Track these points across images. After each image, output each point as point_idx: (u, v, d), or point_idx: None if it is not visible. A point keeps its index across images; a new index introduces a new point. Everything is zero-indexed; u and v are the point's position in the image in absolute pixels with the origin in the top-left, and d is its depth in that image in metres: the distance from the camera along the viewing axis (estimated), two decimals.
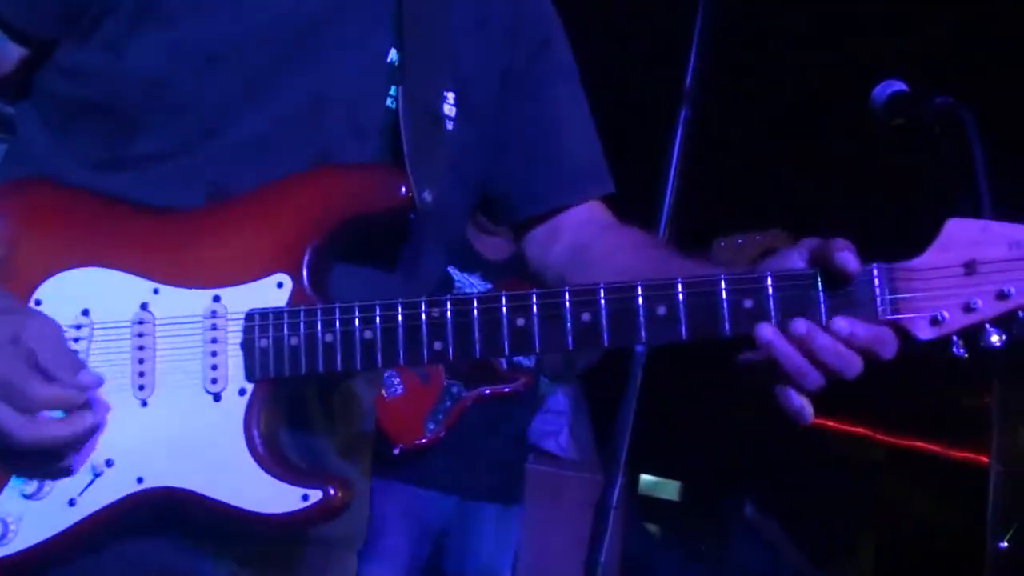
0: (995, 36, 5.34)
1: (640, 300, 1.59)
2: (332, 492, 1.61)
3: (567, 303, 1.60)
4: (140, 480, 1.63)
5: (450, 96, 1.86)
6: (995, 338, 1.54)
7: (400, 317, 1.63)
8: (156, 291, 1.68)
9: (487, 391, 4.68)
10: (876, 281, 1.54)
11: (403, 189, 1.69)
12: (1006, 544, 4.64)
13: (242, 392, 1.65)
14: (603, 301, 1.59)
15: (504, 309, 1.62)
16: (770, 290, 1.56)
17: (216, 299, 1.67)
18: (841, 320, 1.52)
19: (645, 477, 9.32)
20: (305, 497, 1.61)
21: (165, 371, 1.66)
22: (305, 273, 1.67)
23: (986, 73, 5.29)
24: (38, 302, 1.68)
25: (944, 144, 2.31)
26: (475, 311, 1.62)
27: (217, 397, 1.65)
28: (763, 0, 5.16)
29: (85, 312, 1.67)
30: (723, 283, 1.58)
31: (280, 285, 1.67)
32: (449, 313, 1.62)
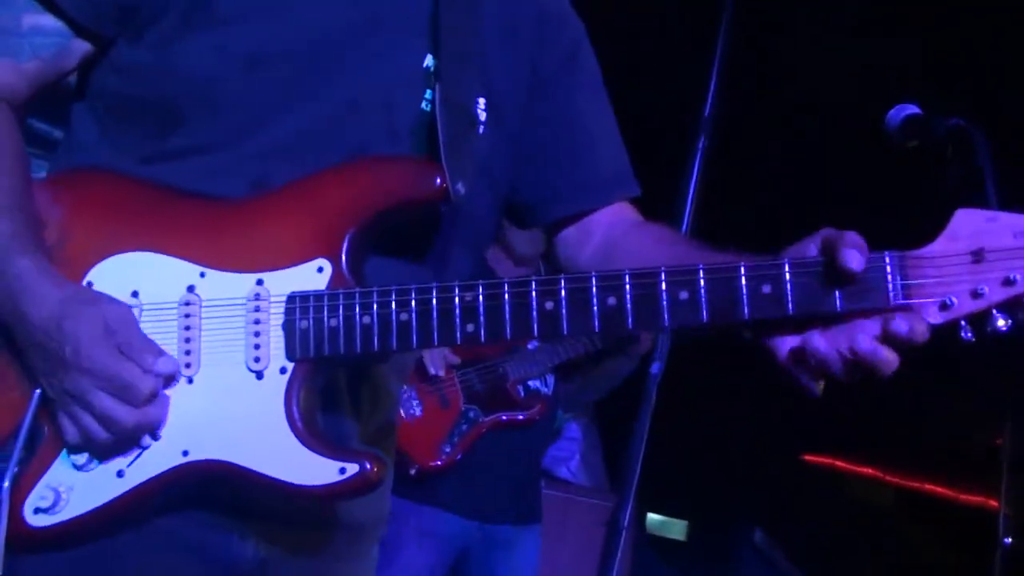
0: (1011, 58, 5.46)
1: (663, 285, 1.67)
2: (368, 466, 1.68)
3: (594, 288, 1.69)
4: (185, 453, 1.71)
5: (481, 101, 1.95)
6: (1001, 323, 1.62)
7: (434, 300, 1.72)
8: (202, 274, 1.76)
9: (504, 417, 4.77)
10: (888, 268, 1.63)
11: (438, 180, 1.77)
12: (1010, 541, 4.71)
13: (283, 371, 1.73)
14: (628, 286, 1.68)
15: (534, 293, 1.70)
16: (787, 276, 1.65)
17: (259, 283, 1.75)
18: (901, 321, 1.60)
19: (652, 516, 9.30)
20: (342, 471, 1.68)
21: (210, 350, 1.74)
22: (344, 259, 1.75)
23: (999, 93, 5.40)
24: (89, 284, 1.77)
25: (956, 164, 2.40)
26: (506, 295, 1.70)
27: (259, 375, 1.73)
28: (783, 24, 5.27)
29: (134, 294, 1.76)
30: (743, 270, 1.66)
31: (320, 270, 1.75)
32: (481, 297, 1.71)
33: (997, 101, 5.36)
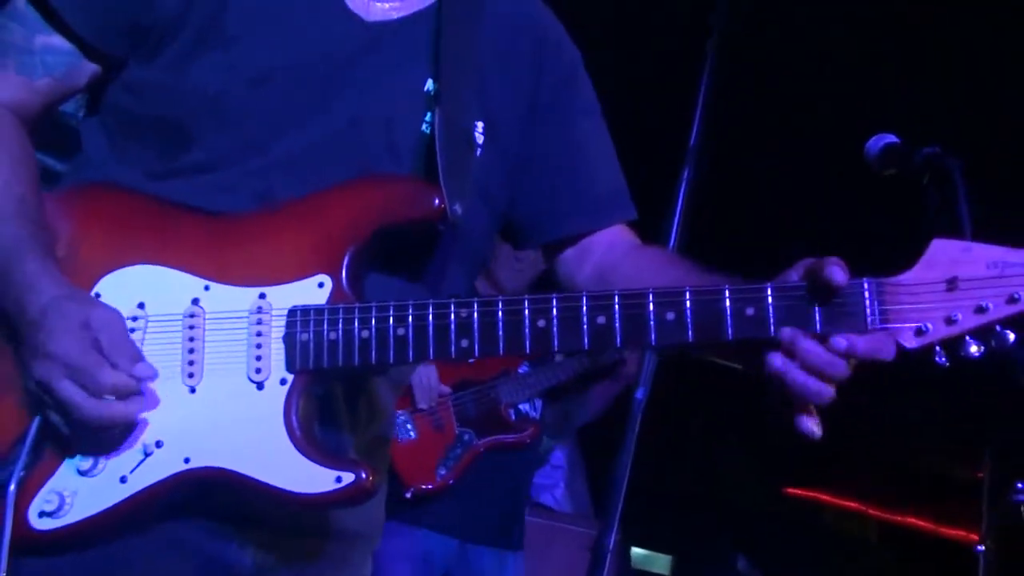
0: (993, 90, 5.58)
1: (651, 306, 1.74)
2: (363, 476, 1.74)
3: (584, 307, 1.76)
4: (187, 460, 1.76)
5: (479, 125, 2.02)
6: (974, 348, 1.69)
7: (431, 316, 1.78)
8: (207, 288, 1.83)
9: (497, 439, 4.84)
10: (867, 294, 1.70)
11: (436, 200, 1.84)
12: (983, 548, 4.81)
13: (283, 382, 1.79)
14: (617, 306, 1.75)
15: (527, 311, 1.77)
16: (770, 299, 1.72)
17: (262, 296, 1.82)
18: (839, 339, 1.67)
19: (636, 550, 9.35)
20: (338, 479, 1.74)
21: (213, 361, 1.80)
22: (344, 275, 1.82)
23: (976, 123, 5.52)
24: (97, 295, 1.84)
25: (933, 190, 2.48)
26: (500, 312, 1.77)
27: (260, 386, 1.79)
28: (770, 53, 5.36)
29: (141, 305, 1.82)
30: (727, 292, 1.73)
31: (321, 285, 1.82)
32: (476, 314, 1.77)
33: (974, 127, 5.48)
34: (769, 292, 1.72)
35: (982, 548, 4.86)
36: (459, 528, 4.73)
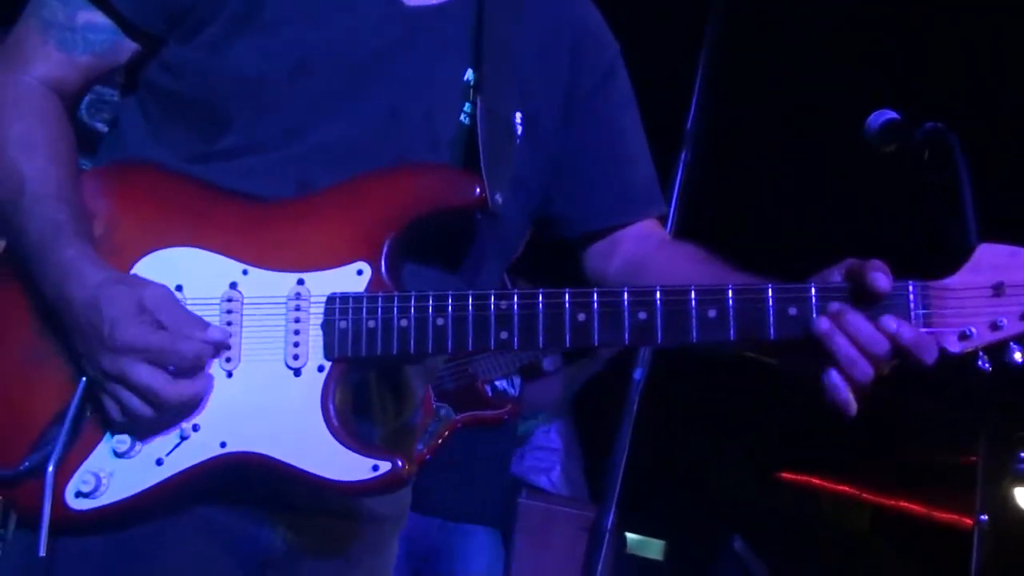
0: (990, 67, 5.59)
1: (693, 303, 1.73)
2: (400, 464, 1.73)
3: (625, 302, 1.75)
4: (223, 444, 1.75)
5: (519, 115, 2.00)
6: (1018, 355, 1.69)
7: (470, 307, 1.77)
8: (245, 272, 1.81)
9: (475, 415, 4.84)
10: (911, 296, 1.69)
11: (477, 189, 1.83)
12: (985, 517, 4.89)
13: (321, 369, 1.78)
14: (659, 302, 1.74)
15: (567, 305, 1.75)
16: (813, 300, 1.71)
17: (300, 282, 1.81)
18: (890, 319, 1.66)
19: (630, 535, 9.37)
20: (375, 468, 1.73)
21: (250, 346, 1.79)
22: (383, 263, 1.81)
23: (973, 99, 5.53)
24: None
25: (933, 167, 2.46)
26: (540, 305, 1.76)
27: (297, 372, 1.78)
28: (766, 37, 5.35)
29: (179, 288, 1.81)
30: (770, 291, 1.72)
31: (360, 272, 1.80)
32: (516, 306, 1.76)
33: (973, 105, 5.48)
34: (813, 292, 1.71)
35: (985, 517, 4.92)
36: (440, 507, 4.75)
